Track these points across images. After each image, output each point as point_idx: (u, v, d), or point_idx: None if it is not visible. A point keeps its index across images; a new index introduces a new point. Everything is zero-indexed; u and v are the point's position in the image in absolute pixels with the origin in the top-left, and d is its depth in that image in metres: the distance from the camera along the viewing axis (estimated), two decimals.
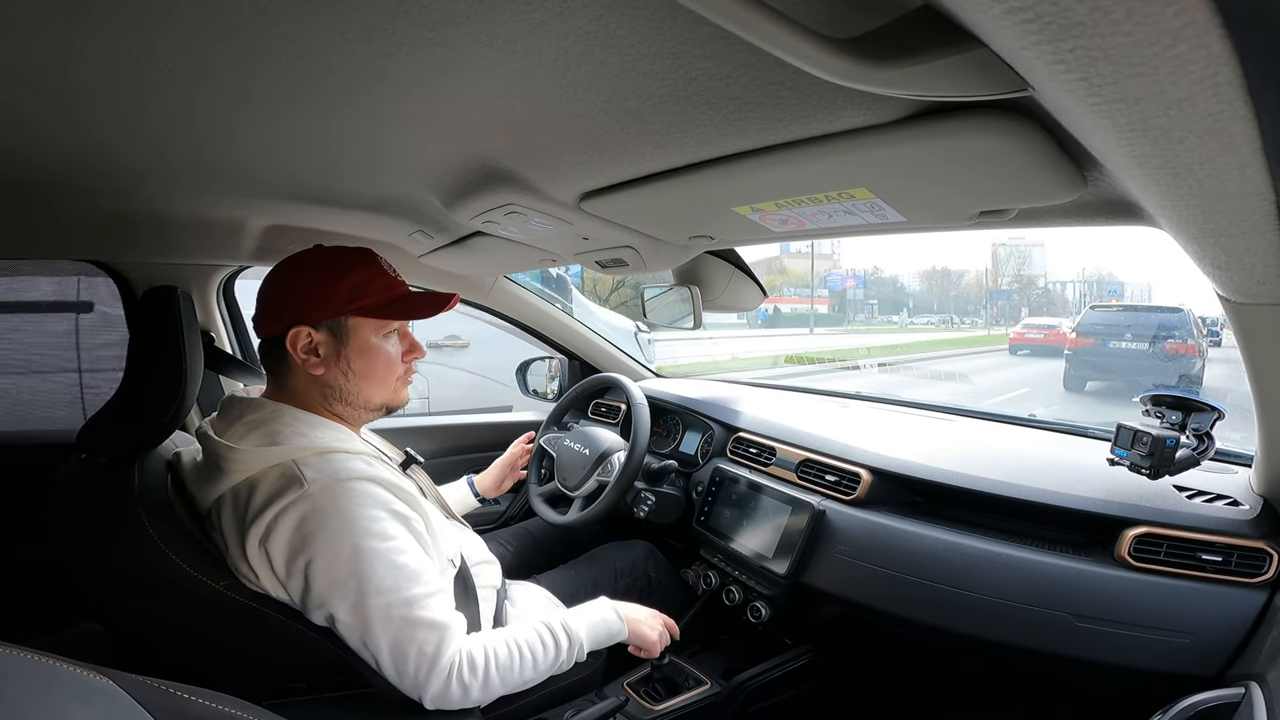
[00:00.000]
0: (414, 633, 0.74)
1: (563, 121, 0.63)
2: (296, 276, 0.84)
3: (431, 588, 0.77)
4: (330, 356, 0.84)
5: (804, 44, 0.36)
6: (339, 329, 0.84)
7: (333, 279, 0.83)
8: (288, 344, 0.82)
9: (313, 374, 0.83)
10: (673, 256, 1.17)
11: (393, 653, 0.74)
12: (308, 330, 0.82)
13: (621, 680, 1.17)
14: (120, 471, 0.79)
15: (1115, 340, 7.40)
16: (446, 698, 0.76)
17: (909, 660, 1.26)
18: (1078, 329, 8.13)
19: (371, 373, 0.86)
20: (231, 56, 0.51)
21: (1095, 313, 8.44)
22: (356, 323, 0.84)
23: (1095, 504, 0.93)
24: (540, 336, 1.84)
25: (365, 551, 0.73)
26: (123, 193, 0.96)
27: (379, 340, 0.86)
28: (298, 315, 0.82)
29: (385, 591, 0.73)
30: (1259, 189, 0.38)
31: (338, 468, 0.77)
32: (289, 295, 0.84)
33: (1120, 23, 0.25)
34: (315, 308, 0.82)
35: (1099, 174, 0.56)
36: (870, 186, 0.66)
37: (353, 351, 0.84)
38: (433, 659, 0.74)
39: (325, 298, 0.83)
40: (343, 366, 0.84)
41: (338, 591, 0.73)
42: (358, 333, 0.85)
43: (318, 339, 0.83)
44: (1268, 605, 0.78)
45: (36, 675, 0.33)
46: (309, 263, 0.85)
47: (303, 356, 0.82)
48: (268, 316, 0.84)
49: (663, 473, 1.43)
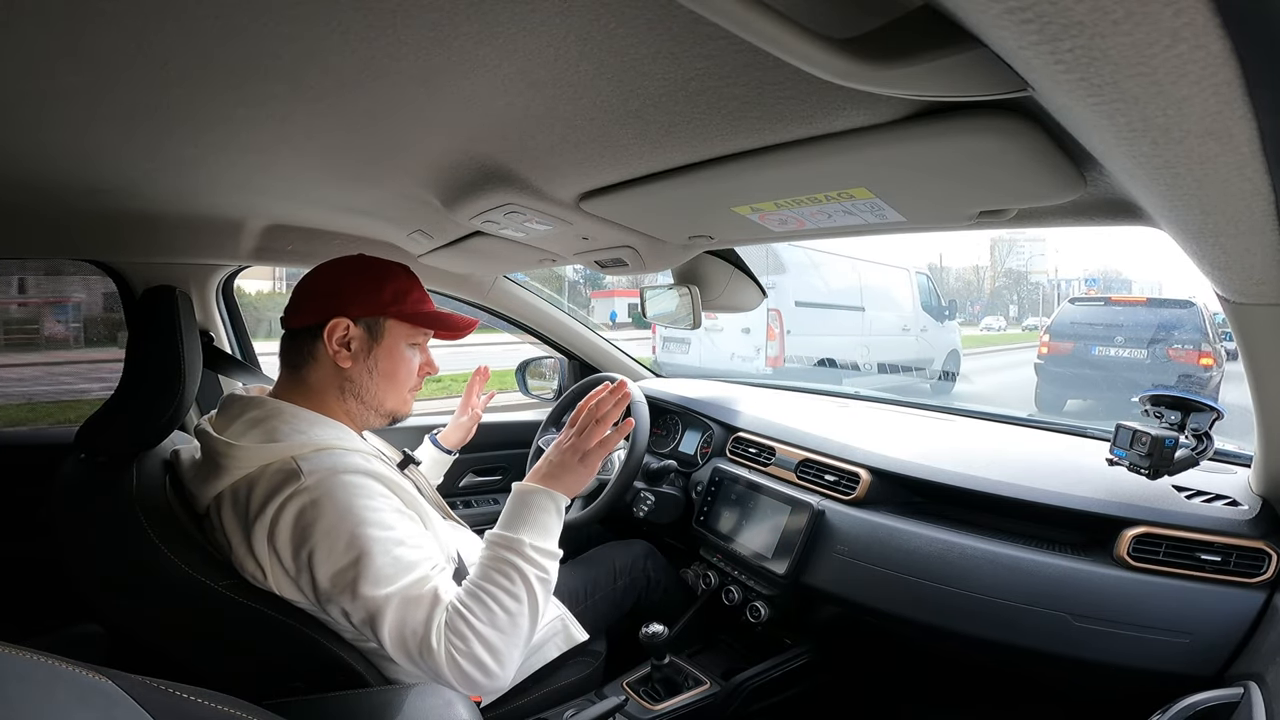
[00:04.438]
0: (405, 614, 0.73)
1: (562, 121, 0.63)
2: (344, 272, 0.89)
3: (431, 572, 0.77)
4: (361, 352, 0.87)
5: (804, 44, 0.36)
6: (376, 327, 0.88)
7: (378, 280, 0.88)
8: (325, 333, 0.85)
9: (340, 365, 0.86)
10: (672, 256, 1.17)
11: (394, 640, 0.73)
12: (347, 322, 0.86)
13: (621, 680, 1.17)
14: (119, 471, 0.79)
15: (1102, 345, 5.55)
16: (463, 674, 0.73)
17: (908, 660, 1.26)
18: (1051, 330, 6.13)
19: (393, 375, 0.90)
20: (231, 56, 0.51)
21: (1075, 308, 6.19)
22: (393, 325, 0.89)
23: (1094, 504, 0.93)
24: (539, 336, 1.84)
25: (364, 539, 0.73)
26: (122, 192, 0.96)
27: (407, 347, 0.91)
28: (340, 307, 0.86)
29: (384, 581, 0.73)
30: (1258, 189, 0.38)
31: (335, 462, 0.77)
32: (335, 288, 0.87)
33: (1120, 23, 0.25)
34: (359, 303, 0.87)
35: (1099, 174, 0.56)
36: (870, 186, 0.66)
37: (382, 351, 0.89)
38: (424, 637, 0.73)
39: (370, 296, 0.87)
40: (370, 364, 0.88)
41: (340, 582, 0.73)
42: (392, 334, 0.89)
43: (354, 333, 0.87)
44: (1267, 605, 0.78)
45: (36, 675, 0.33)
46: (355, 265, 0.90)
47: (335, 348, 0.86)
48: (306, 307, 0.87)
49: (662, 472, 1.43)
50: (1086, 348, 5.64)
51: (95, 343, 7.71)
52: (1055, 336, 5.95)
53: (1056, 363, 5.81)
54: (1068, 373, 5.75)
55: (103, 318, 7.83)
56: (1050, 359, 5.86)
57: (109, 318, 7.63)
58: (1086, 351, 5.62)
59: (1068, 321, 5.99)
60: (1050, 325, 6.29)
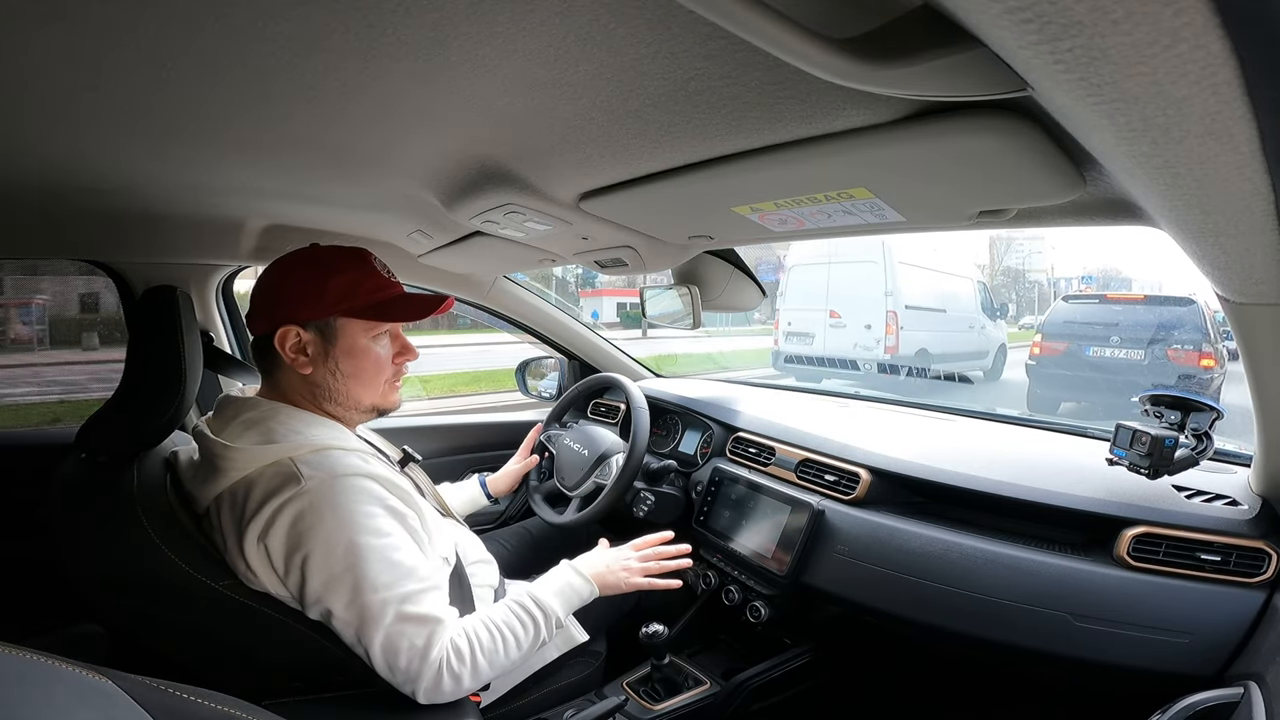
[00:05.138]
0: (405, 628, 0.74)
1: (562, 121, 0.63)
2: (286, 276, 0.85)
3: (426, 584, 0.77)
4: (319, 356, 0.84)
5: (804, 44, 0.36)
6: (327, 329, 0.84)
7: (322, 279, 0.83)
8: (276, 343, 0.82)
9: (302, 373, 0.84)
10: (672, 256, 1.17)
11: (384, 648, 0.74)
12: (296, 329, 0.82)
13: (621, 680, 1.17)
14: (119, 471, 0.79)
15: (1097, 345, 5.18)
16: (439, 690, 0.76)
17: (908, 660, 1.26)
18: (1043, 329, 5.81)
19: (360, 373, 0.86)
20: (231, 57, 0.51)
21: (1069, 307, 5.84)
22: (345, 323, 0.84)
23: (1094, 504, 0.93)
24: (539, 336, 1.84)
25: (360, 547, 0.73)
26: (122, 192, 0.96)
27: (368, 341, 0.86)
28: (287, 315, 0.82)
29: (380, 588, 0.73)
30: (1258, 189, 0.38)
31: (334, 464, 0.77)
32: (279, 294, 0.84)
33: (1119, 22, 0.25)
34: (303, 308, 0.83)
35: (1098, 174, 0.56)
36: (869, 186, 0.66)
37: (341, 352, 0.85)
38: (423, 653, 0.74)
39: (314, 298, 0.83)
40: (330, 366, 0.85)
41: (333, 587, 0.73)
42: (346, 333, 0.84)
43: (306, 339, 0.83)
44: (1266, 605, 0.78)
45: (36, 675, 0.33)
46: (300, 263, 0.85)
47: (291, 355, 0.83)
48: (259, 315, 0.85)
49: (662, 473, 1.43)
50: (1081, 348, 5.29)
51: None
52: (1048, 336, 5.62)
53: (1049, 364, 5.44)
54: (1061, 374, 5.39)
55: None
56: (1042, 360, 5.51)
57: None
58: (1081, 352, 5.27)
59: (1060, 321, 5.65)
60: (1042, 324, 6.00)
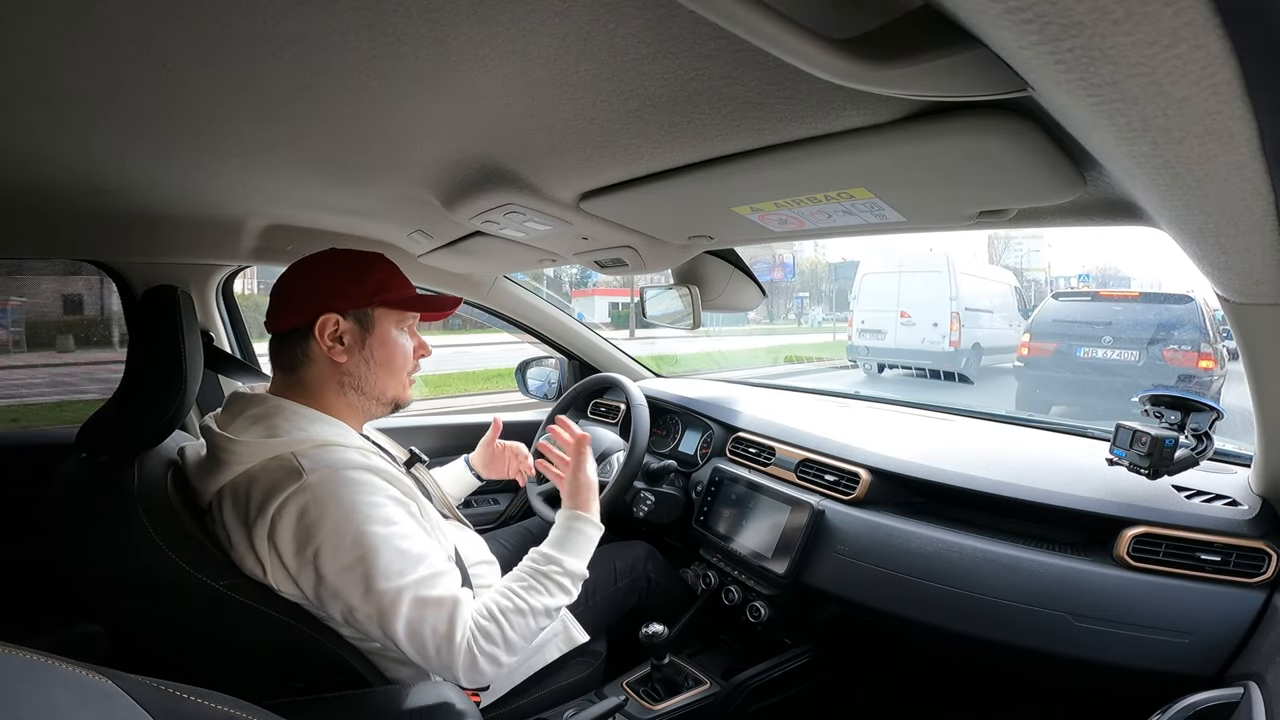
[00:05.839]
0: (425, 613, 0.75)
1: (562, 121, 0.63)
2: (324, 270, 0.89)
3: (438, 568, 0.78)
4: (355, 345, 0.88)
5: (804, 44, 0.36)
6: (365, 319, 0.88)
7: (360, 273, 0.89)
8: (315, 331, 0.85)
9: (335, 361, 0.87)
10: (672, 256, 1.17)
11: (409, 637, 0.74)
12: (336, 318, 0.86)
13: (621, 680, 1.17)
14: (120, 470, 0.79)
15: (1089, 346, 4.86)
16: (477, 672, 0.76)
17: (908, 660, 1.26)
18: (1032, 328, 5.42)
19: (390, 363, 0.91)
20: (231, 57, 0.51)
21: (1060, 304, 5.50)
22: (381, 314, 0.90)
23: (1094, 504, 0.93)
24: (539, 336, 1.84)
25: (369, 535, 0.74)
26: (123, 193, 0.96)
27: (398, 333, 0.92)
28: (327, 305, 0.86)
29: (393, 575, 0.74)
30: (1258, 189, 0.38)
31: (335, 458, 0.78)
32: (317, 287, 0.87)
33: (1119, 23, 0.25)
34: (344, 298, 0.87)
35: (1098, 174, 0.56)
36: (869, 186, 0.66)
37: (375, 341, 0.89)
38: (447, 637, 0.75)
39: (355, 288, 0.88)
40: (365, 355, 0.89)
41: (346, 579, 0.74)
42: (381, 323, 0.90)
43: (345, 327, 0.87)
44: (1266, 605, 0.78)
45: (36, 675, 0.33)
46: (333, 259, 0.90)
47: (329, 344, 0.86)
48: (290, 308, 0.87)
49: (662, 473, 1.43)
50: (1071, 348, 4.96)
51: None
52: (1036, 336, 5.26)
53: (1038, 365, 5.10)
54: (1050, 376, 5.07)
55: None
56: (1031, 361, 5.18)
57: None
58: (1071, 353, 4.95)
59: (1050, 319, 5.28)
60: (1030, 323, 5.58)
